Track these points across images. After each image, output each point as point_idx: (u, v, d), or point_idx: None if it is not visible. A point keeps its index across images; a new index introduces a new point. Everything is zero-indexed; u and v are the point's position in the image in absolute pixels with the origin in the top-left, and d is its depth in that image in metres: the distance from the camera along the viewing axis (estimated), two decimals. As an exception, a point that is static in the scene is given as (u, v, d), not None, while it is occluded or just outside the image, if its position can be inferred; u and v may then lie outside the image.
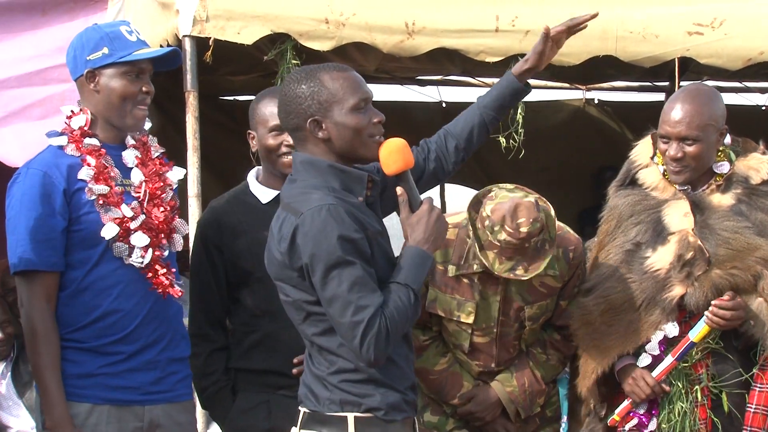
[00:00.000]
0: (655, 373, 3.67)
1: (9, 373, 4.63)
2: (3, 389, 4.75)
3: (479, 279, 3.82)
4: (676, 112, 3.67)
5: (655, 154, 3.83)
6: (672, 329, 3.65)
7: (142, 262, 3.54)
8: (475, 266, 3.78)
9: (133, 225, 3.54)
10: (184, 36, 4.67)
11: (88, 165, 3.55)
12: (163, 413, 3.59)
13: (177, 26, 4.68)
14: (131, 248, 3.54)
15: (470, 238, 3.75)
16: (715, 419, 3.66)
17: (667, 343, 3.67)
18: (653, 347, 3.67)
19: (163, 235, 3.60)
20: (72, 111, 3.65)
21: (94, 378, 3.52)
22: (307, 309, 3.11)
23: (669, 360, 3.65)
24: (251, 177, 3.98)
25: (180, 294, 3.58)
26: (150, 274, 3.54)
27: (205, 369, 3.86)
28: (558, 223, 3.80)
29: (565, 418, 4.15)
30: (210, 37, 4.66)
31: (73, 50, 3.63)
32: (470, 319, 3.84)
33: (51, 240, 3.49)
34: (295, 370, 3.74)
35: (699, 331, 3.61)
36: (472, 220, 3.73)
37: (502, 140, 4.73)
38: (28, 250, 3.47)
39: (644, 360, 3.69)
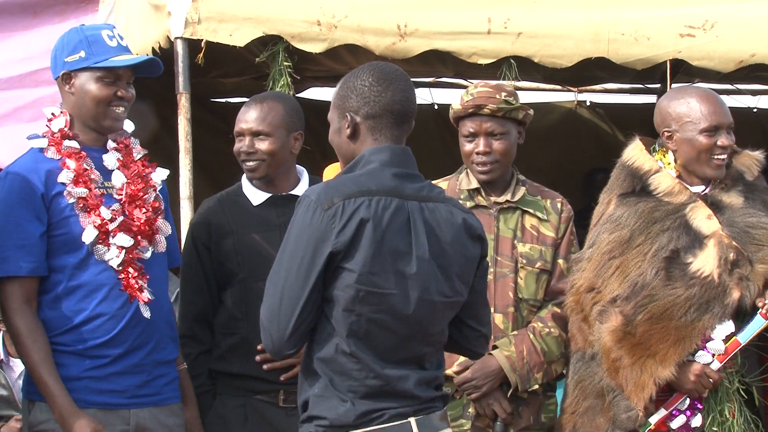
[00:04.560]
0: (714, 367, 3.70)
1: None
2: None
3: None
4: (715, 105, 3.78)
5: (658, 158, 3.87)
6: (729, 325, 3.69)
7: (116, 262, 3.52)
8: (468, 204, 4.01)
9: (111, 227, 3.53)
10: (176, 38, 4.67)
11: (68, 168, 3.54)
12: (150, 416, 3.59)
13: (169, 28, 4.67)
14: (110, 248, 3.53)
15: (459, 181, 4.07)
16: (751, 416, 3.72)
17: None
18: (716, 345, 3.68)
19: (143, 237, 3.58)
20: (53, 113, 3.65)
21: (80, 381, 3.51)
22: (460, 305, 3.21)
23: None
24: (245, 178, 3.98)
25: (147, 300, 3.55)
26: (122, 276, 3.53)
27: (192, 371, 3.86)
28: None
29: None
30: (202, 39, 4.65)
31: (55, 51, 3.66)
32: None
33: (30, 246, 3.48)
34: (284, 376, 3.76)
35: (757, 329, 3.67)
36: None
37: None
38: (7, 257, 3.46)
39: (704, 358, 3.69)
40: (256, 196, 3.93)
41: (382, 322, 3.03)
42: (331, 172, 3.30)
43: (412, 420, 3.03)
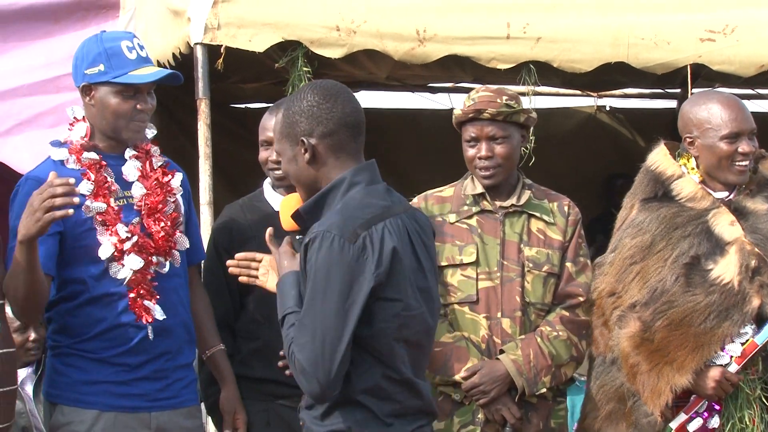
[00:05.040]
0: (732, 369, 3.68)
1: (32, 385, 4.59)
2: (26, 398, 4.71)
3: (478, 223, 4.00)
4: (737, 110, 3.75)
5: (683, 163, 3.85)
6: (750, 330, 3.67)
7: (125, 279, 3.54)
8: (473, 209, 4.01)
9: (126, 246, 3.53)
10: (196, 44, 4.68)
11: (88, 179, 3.54)
12: (169, 419, 3.61)
13: (189, 34, 4.68)
14: (123, 267, 3.54)
15: (464, 187, 4.06)
16: None
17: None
18: (734, 348, 3.66)
19: (159, 255, 3.59)
20: (75, 117, 3.65)
21: (100, 385, 3.54)
22: None
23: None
24: (267, 183, 3.99)
25: (151, 320, 3.55)
26: (132, 294, 3.54)
27: (213, 377, 3.86)
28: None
29: (574, 427, 4.13)
30: (221, 45, 4.66)
31: (75, 59, 3.65)
32: (472, 258, 3.96)
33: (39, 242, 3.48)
34: None
35: None
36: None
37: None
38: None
39: (722, 359, 3.67)
40: (278, 201, 3.94)
41: (420, 341, 3.04)
42: (290, 202, 3.24)
43: None
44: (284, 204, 3.25)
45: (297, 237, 3.16)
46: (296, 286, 3.05)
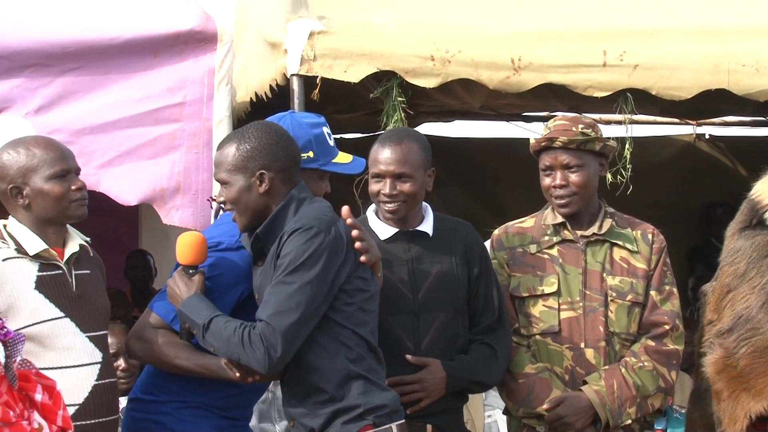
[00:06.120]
0: None
1: None
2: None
3: (559, 252, 3.98)
4: None
5: None
6: None
7: None
8: (554, 239, 3.99)
9: None
10: (292, 75, 4.72)
11: None
12: None
13: (285, 65, 4.74)
14: None
15: (544, 217, 4.04)
16: None
17: None
18: None
19: None
20: None
21: None
22: None
23: None
24: (370, 212, 3.98)
25: None
26: None
27: None
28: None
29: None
30: (317, 76, 4.70)
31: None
32: (553, 288, 3.93)
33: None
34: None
35: None
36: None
37: (609, 176, 4.66)
38: None
39: None
40: (384, 230, 3.92)
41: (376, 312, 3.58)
42: (187, 239, 3.52)
43: None
44: (182, 240, 3.49)
45: (190, 270, 3.48)
46: (203, 301, 3.41)
